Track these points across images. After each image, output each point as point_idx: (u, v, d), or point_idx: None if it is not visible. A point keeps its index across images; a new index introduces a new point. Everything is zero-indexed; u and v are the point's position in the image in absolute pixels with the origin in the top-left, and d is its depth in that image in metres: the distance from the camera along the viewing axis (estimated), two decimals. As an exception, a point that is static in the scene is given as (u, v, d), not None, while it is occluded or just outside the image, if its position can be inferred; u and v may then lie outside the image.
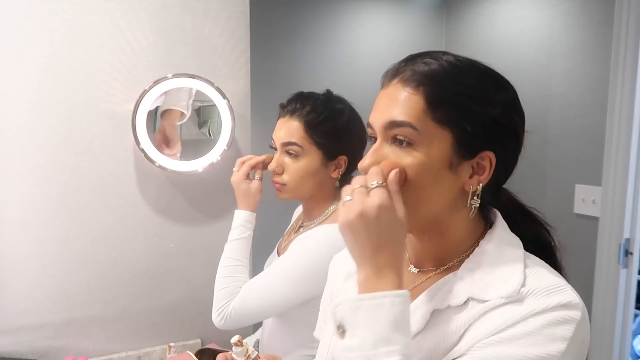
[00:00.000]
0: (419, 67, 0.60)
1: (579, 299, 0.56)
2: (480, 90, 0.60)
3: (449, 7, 2.83)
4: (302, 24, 2.51)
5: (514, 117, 0.63)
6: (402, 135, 0.59)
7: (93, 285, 1.35)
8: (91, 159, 1.32)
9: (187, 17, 1.38)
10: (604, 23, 1.93)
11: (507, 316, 0.55)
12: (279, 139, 1.11)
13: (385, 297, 0.53)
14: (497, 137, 0.61)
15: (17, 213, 1.26)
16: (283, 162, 1.11)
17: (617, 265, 1.91)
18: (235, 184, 1.17)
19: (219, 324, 1.07)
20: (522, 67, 2.32)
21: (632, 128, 1.83)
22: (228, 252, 1.13)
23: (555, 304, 0.54)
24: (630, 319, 1.96)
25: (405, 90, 0.60)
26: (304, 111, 1.10)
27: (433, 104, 0.58)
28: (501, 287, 0.57)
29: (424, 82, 0.59)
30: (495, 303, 0.56)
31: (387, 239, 0.56)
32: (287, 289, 1.04)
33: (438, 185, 0.60)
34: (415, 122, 0.58)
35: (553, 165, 2.18)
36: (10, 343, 1.28)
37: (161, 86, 1.31)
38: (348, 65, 2.61)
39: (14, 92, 1.23)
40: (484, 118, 0.59)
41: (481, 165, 0.61)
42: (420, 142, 0.58)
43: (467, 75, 0.61)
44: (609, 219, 1.93)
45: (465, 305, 0.59)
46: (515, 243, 0.63)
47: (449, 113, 0.58)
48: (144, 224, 1.39)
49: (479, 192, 0.61)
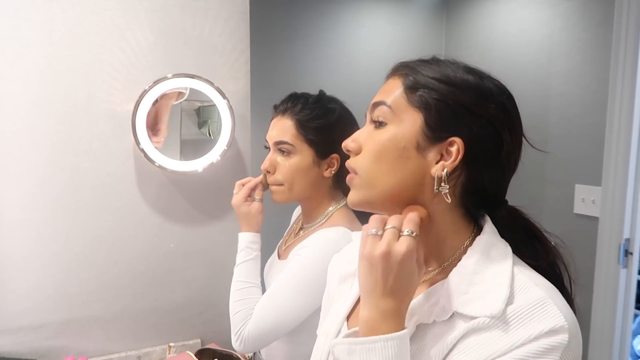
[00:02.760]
0: (406, 62, 0.67)
1: (568, 317, 0.54)
2: (457, 78, 0.63)
3: (449, 7, 2.83)
4: (302, 24, 2.51)
5: (488, 108, 0.62)
6: (377, 114, 0.64)
7: (93, 285, 1.35)
8: (91, 159, 1.32)
9: (187, 17, 1.38)
10: (604, 23, 1.93)
11: (493, 348, 0.54)
12: (272, 138, 1.12)
13: (377, 342, 0.55)
14: (465, 123, 0.61)
15: (17, 213, 1.26)
16: (275, 161, 1.12)
17: (617, 265, 1.91)
18: (236, 207, 1.15)
19: (239, 349, 1.06)
20: (522, 67, 2.32)
21: (632, 128, 1.83)
22: (237, 275, 1.12)
23: (539, 331, 0.53)
24: (630, 319, 1.96)
25: (393, 80, 0.66)
26: (296, 109, 1.10)
27: (409, 87, 0.63)
28: (486, 304, 0.57)
29: (407, 71, 0.65)
30: (480, 322, 0.56)
31: (401, 286, 0.57)
32: (297, 301, 1.03)
33: (403, 164, 0.62)
34: (389, 101, 0.64)
35: (553, 165, 2.18)
36: (10, 343, 1.28)
37: (161, 86, 1.31)
38: (348, 65, 2.61)
39: (14, 92, 1.23)
40: (452, 102, 0.61)
41: (449, 152, 0.62)
42: (392, 120, 0.63)
43: (446, 66, 0.65)
44: (609, 219, 1.93)
45: (450, 321, 0.59)
46: (503, 251, 0.62)
47: (422, 96, 0.62)
48: (143, 224, 1.39)
49: (444, 178, 0.61)
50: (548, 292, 0.57)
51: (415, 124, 0.62)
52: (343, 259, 0.82)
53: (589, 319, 2.01)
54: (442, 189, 0.61)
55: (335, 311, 0.75)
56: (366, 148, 0.64)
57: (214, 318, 1.49)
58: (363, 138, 0.66)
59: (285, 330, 1.04)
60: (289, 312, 1.03)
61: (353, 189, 0.66)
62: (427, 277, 0.66)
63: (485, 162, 0.63)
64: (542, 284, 0.59)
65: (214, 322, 1.49)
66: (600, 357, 1.98)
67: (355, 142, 0.66)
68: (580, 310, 0.55)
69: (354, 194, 0.65)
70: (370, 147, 0.64)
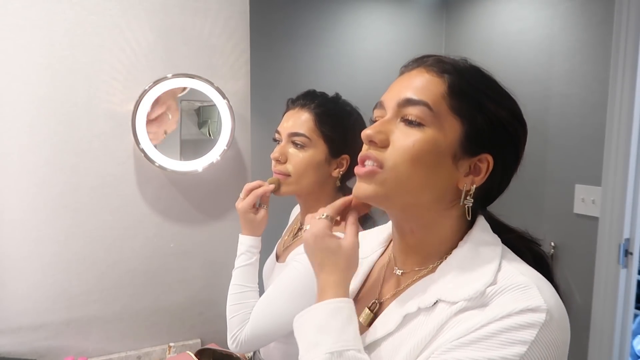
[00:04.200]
0: (445, 59, 0.63)
1: (550, 302, 0.54)
2: (496, 92, 0.63)
3: (449, 7, 2.83)
4: (302, 24, 2.51)
5: (518, 128, 0.64)
6: (414, 114, 0.60)
7: (93, 285, 1.35)
8: (91, 159, 1.32)
9: (187, 17, 1.38)
10: (603, 23, 1.93)
11: (472, 322, 0.55)
12: (286, 129, 1.10)
13: (311, 309, 0.62)
14: (499, 142, 0.62)
15: (17, 213, 1.26)
16: (287, 152, 1.10)
17: (617, 265, 1.91)
18: (242, 213, 1.12)
19: (235, 350, 1.07)
20: (522, 67, 2.32)
21: (632, 128, 1.83)
22: (236, 279, 1.11)
23: (520, 308, 0.53)
24: (630, 319, 1.96)
25: (428, 74, 0.62)
26: (314, 104, 1.10)
27: (453, 91, 0.60)
28: (466, 288, 0.57)
29: (450, 70, 0.62)
30: (460, 306, 0.57)
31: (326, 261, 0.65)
32: (293, 306, 1.01)
33: (437, 170, 0.61)
34: (432, 103, 0.60)
35: (553, 165, 2.18)
36: (10, 343, 1.28)
37: (161, 86, 1.31)
38: (348, 65, 2.61)
39: (14, 92, 1.23)
40: (494, 119, 0.61)
41: (478, 167, 0.62)
42: (432, 123, 0.60)
43: (486, 77, 0.64)
44: (609, 219, 1.93)
45: (433, 308, 0.59)
46: (492, 243, 0.63)
47: (466, 105, 0.60)
48: (143, 224, 1.39)
49: (472, 192, 0.62)
50: (533, 280, 0.56)
51: (455, 133, 0.60)
52: None
53: (589, 319, 2.01)
54: (467, 202, 0.62)
55: None
56: (399, 145, 0.60)
57: (214, 318, 1.49)
58: (390, 132, 0.62)
59: (281, 334, 1.05)
60: (285, 318, 1.02)
61: (372, 182, 0.61)
62: (420, 275, 0.66)
63: (502, 176, 0.64)
64: (529, 274, 0.58)
65: (214, 322, 1.49)
66: (600, 357, 1.97)
67: (383, 134, 0.61)
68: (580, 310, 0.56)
69: (372, 188, 0.61)
70: (406, 144, 0.60)
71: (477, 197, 0.64)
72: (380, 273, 0.74)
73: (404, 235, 0.68)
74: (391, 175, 0.60)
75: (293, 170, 1.09)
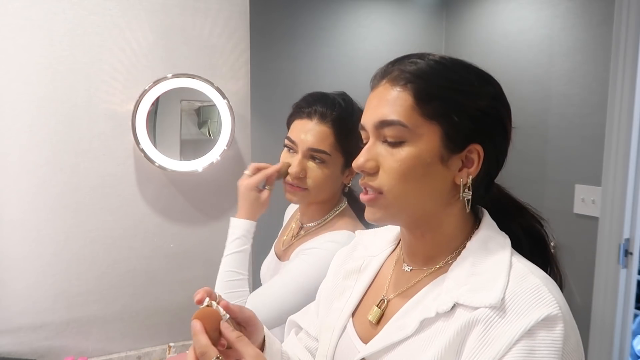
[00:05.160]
0: (405, 67, 0.63)
1: (561, 303, 0.55)
2: (466, 84, 0.63)
3: (449, 7, 2.83)
4: (302, 24, 2.51)
5: (501, 109, 0.64)
6: (391, 135, 0.62)
7: (93, 285, 1.35)
8: (91, 158, 1.32)
9: (187, 17, 1.38)
10: (603, 23, 1.93)
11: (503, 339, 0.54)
12: (306, 143, 1.05)
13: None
14: (485, 130, 0.63)
15: (17, 213, 1.26)
16: (306, 166, 1.07)
17: (616, 265, 1.91)
18: (245, 190, 1.08)
19: None
20: (522, 67, 2.32)
21: (632, 128, 1.83)
22: (229, 264, 1.07)
23: (535, 320, 0.53)
24: (630, 319, 1.96)
25: (394, 90, 0.62)
26: (333, 117, 1.06)
27: (421, 99, 0.60)
28: (486, 294, 0.57)
29: (412, 79, 0.61)
30: (481, 313, 0.56)
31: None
32: (297, 298, 1.00)
33: (431, 179, 0.62)
34: (405, 119, 0.60)
35: (553, 165, 2.18)
36: (10, 343, 1.28)
37: (161, 86, 1.31)
38: (348, 65, 2.61)
39: (14, 92, 1.23)
40: (471, 111, 0.61)
41: (470, 159, 0.63)
42: (410, 138, 0.61)
43: (452, 71, 0.63)
44: (609, 219, 1.93)
45: (452, 312, 0.59)
46: (501, 242, 0.63)
47: (437, 107, 0.60)
48: (143, 224, 1.39)
49: (469, 184, 0.63)
50: (543, 280, 0.58)
51: (434, 137, 0.61)
52: (348, 255, 0.83)
53: (589, 319, 2.01)
54: (466, 195, 0.63)
55: (339, 307, 0.75)
56: (387, 167, 0.62)
57: (214, 318, 1.49)
58: (377, 156, 0.63)
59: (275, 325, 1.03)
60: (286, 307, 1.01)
61: (377, 207, 0.64)
62: (430, 272, 0.66)
63: (496, 159, 0.65)
64: (538, 273, 0.60)
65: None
66: (600, 357, 1.98)
67: (372, 161, 0.63)
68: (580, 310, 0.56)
69: (380, 213, 0.64)
70: (394, 166, 0.61)
71: (479, 185, 0.64)
72: (388, 271, 0.74)
73: (414, 237, 0.68)
74: (390, 198, 0.62)
75: (312, 185, 1.07)
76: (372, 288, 0.75)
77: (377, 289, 0.74)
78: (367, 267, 0.76)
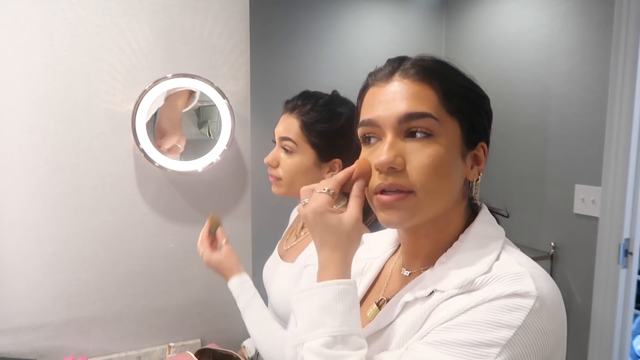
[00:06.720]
0: (422, 64, 0.63)
1: (544, 290, 0.53)
2: (467, 81, 0.65)
3: (449, 7, 2.83)
4: (302, 24, 2.51)
5: (486, 103, 0.67)
6: (421, 126, 0.59)
7: (93, 285, 1.35)
8: (91, 159, 1.32)
9: (187, 17, 1.38)
10: (603, 23, 1.93)
11: (461, 304, 0.55)
12: (277, 133, 1.13)
13: (317, 287, 0.60)
14: (485, 126, 0.66)
15: (17, 213, 1.26)
16: (279, 156, 1.13)
17: (616, 265, 1.91)
18: (209, 264, 1.16)
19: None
20: (522, 67, 2.32)
21: (632, 128, 1.83)
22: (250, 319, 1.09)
23: (508, 292, 0.52)
24: (630, 319, 1.96)
25: (415, 85, 0.61)
26: (304, 109, 1.11)
27: (446, 95, 0.61)
28: (459, 277, 0.58)
29: (434, 76, 0.62)
30: (451, 293, 0.57)
31: (327, 238, 0.63)
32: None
33: (455, 175, 0.62)
34: (435, 113, 0.60)
35: (553, 165, 2.18)
36: (10, 343, 1.28)
37: (161, 86, 1.31)
38: (348, 65, 2.61)
39: (14, 92, 1.23)
40: (477, 107, 0.64)
41: (477, 156, 0.65)
42: (439, 132, 0.60)
43: (457, 70, 0.66)
44: (609, 219, 1.93)
45: (429, 297, 0.60)
46: (494, 235, 0.63)
47: (459, 104, 0.62)
48: (143, 224, 1.39)
49: (479, 181, 0.65)
50: (529, 269, 0.56)
51: (456, 134, 0.62)
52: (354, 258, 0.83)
53: (589, 318, 2.01)
54: (476, 192, 0.65)
55: None
56: (417, 163, 0.59)
57: (214, 318, 1.49)
58: (402, 152, 0.60)
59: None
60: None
61: (403, 208, 0.60)
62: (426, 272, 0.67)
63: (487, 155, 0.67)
64: (526, 264, 0.58)
65: (213, 322, 1.49)
66: (600, 357, 1.98)
67: (400, 157, 0.59)
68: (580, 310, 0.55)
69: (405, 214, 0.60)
70: (425, 162, 0.59)
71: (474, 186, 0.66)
72: (389, 273, 0.75)
73: (417, 238, 0.68)
74: (422, 196, 0.59)
75: (284, 174, 1.11)
76: (373, 289, 0.76)
77: (378, 289, 0.75)
78: (369, 269, 0.78)
